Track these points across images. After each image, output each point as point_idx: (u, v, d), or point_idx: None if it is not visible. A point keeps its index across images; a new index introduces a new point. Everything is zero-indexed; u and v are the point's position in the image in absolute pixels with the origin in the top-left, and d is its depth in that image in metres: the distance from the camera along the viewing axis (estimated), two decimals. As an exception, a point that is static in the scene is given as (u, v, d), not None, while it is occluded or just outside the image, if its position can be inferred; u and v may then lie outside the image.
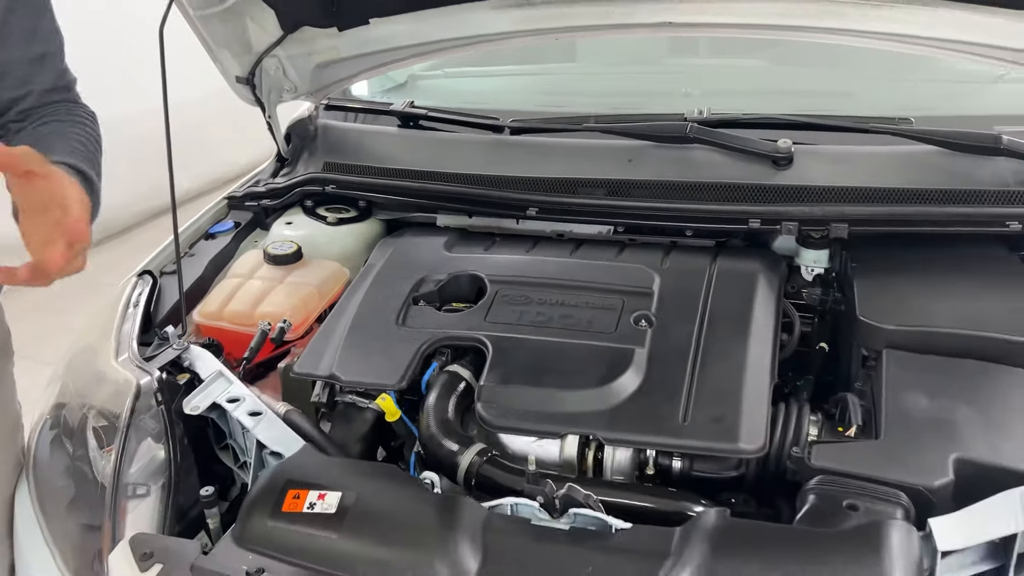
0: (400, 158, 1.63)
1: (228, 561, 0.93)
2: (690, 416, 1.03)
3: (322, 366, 1.19)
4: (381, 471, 1.05)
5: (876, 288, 1.21)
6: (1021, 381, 1.04)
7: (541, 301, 1.22)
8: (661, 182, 1.42)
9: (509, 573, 0.88)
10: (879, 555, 0.83)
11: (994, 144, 1.35)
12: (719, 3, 1.38)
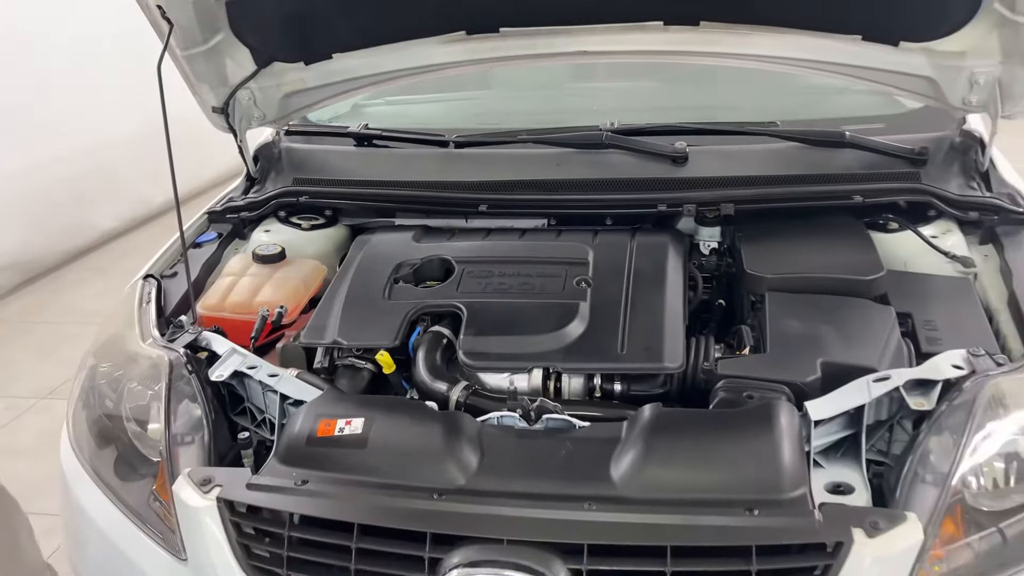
0: (361, 172, 1.90)
1: (276, 477, 1.18)
2: (626, 347, 1.34)
3: (325, 336, 1.44)
4: (393, 401, 1.32)
5: (758, 250, 1.55)
6: (862, 307, 1.40)
7: (501, 274, 1.51)
8: (585, 180, 1.74)
9: (503, 462, 1.16)
10: (771, 423, 1.15)
11: (840, 139, 1.74)
12: (622, 35, 1.72)
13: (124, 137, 4.46)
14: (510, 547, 1.05)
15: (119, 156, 4.58)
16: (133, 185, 4.77)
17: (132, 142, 4.42)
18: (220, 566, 1.15)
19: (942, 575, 1.05)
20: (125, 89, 3.98)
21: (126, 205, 4.81)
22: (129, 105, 3.93)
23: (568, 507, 1.08)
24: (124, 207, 4.81)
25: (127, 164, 4.60)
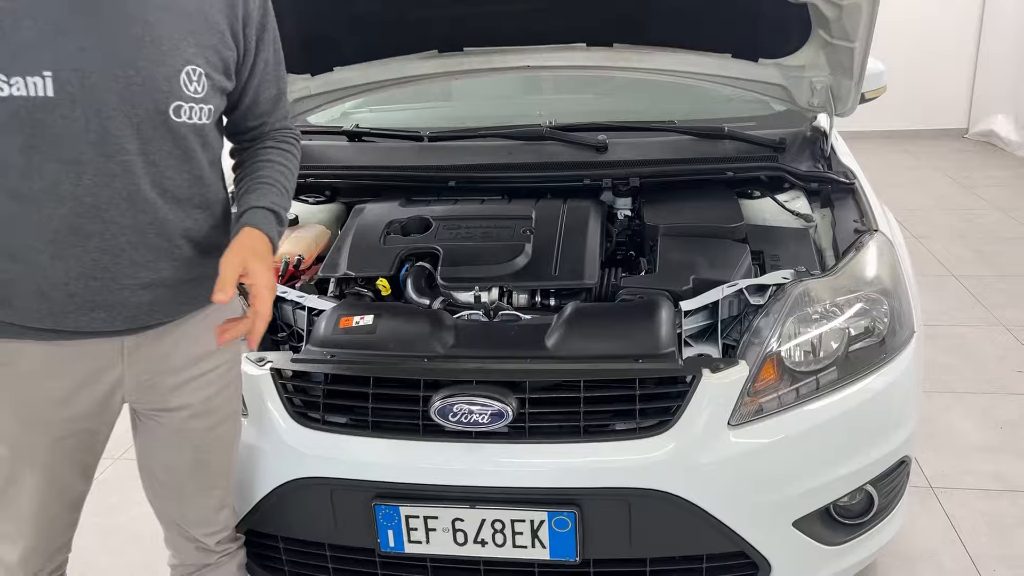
0: (354, 160, 2.41)
1: (310, 356, 1.68)
2: (557, 272, 1.87)
3: (338, 270, 1.94)
4: (393, 304, 1.83)
5: (656, 209, 2.10)
6: (724, 244, 1.94)
7: (467, 227, 2.03)
8: (529, 163, 2.27)
9: (471, 338, 1.68)
10: (653, 310, 1.69)
11: (721, 132, 2.31)
12: (555, 54, 2.29)
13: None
14: (477, 386, 1.57)
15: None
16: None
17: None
18: (274, 416, 1.65)
19: (760, 399, 1.60)
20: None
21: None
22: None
23: (515, 362, 1.60)
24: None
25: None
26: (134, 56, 1.20)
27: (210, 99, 1.30)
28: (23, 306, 1.26)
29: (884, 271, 1.82)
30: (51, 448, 1.35)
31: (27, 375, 1.31)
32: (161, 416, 1.44)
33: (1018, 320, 3.54)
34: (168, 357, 1.40)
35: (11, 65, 1.12)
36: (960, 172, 6.04)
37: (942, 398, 2.95)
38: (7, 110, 1.14)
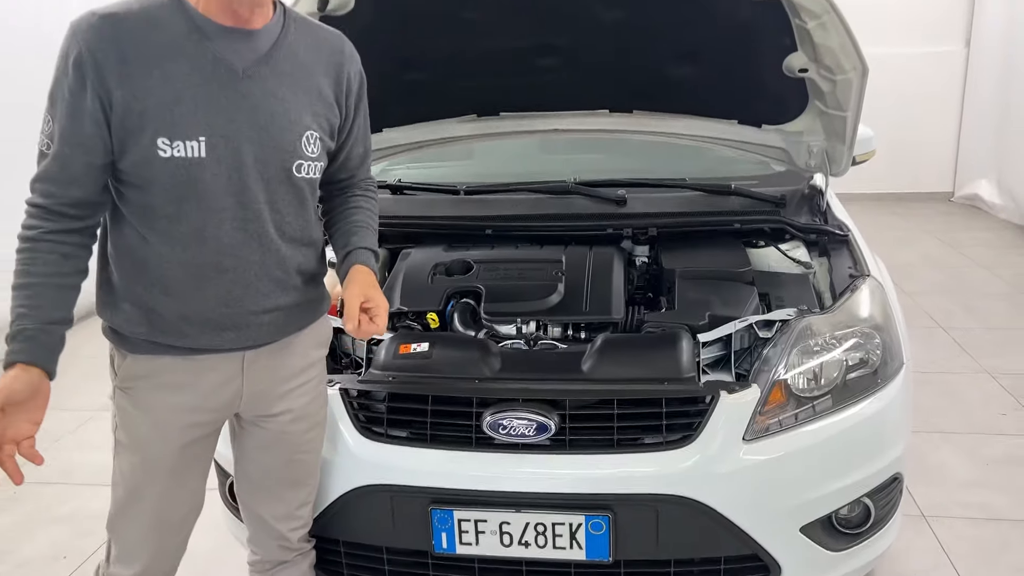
0: (397, 211, 2.67)
1: (375, 378, 1.91)
2: (588, 307, 2.12)
3: (393, 305, 2.18)
4: (446, 334, 2.07)
5: (672, 256, 2.36)
6: (735, 286, 2.19)
7: (505, 269, 2.29)
8: (557, 214, 2.54)
9: (516, 363, 1.91)
10: (675, 340, 1.93)
11: (728, 189, 2.58)
12: (581, 119, 2.58)
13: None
14: (523, 404, 1.80)
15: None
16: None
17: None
18: (343, 430, 1.87)
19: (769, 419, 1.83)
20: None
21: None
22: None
23: (556, 383, 1.84)
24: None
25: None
26: (268, 125, 1.46)
27: (321, 158, 1.57)
28: (168, 328, 1.50)
29: (876, 310, 2.07)
30: (178, 455, 1.59)
31: (166, 386, 1.55)
32: (265, 422, 1.67)
33: (1002, 368, 3.78)
34: (279, 368, 1.64)
35: (173, 132, 1.38)
36: (947, 232, 6.35)
37: (933, 438, 3.17)
38: (168, 168, 1.40)
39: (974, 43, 7.07)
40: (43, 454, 1.44)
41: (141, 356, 1.53)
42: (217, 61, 1.42)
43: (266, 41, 1.48)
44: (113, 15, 1.37)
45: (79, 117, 1.37)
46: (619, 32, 2.30)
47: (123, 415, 1.58)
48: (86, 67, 1.35)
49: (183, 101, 1.38)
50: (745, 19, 2.17)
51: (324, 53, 1.58)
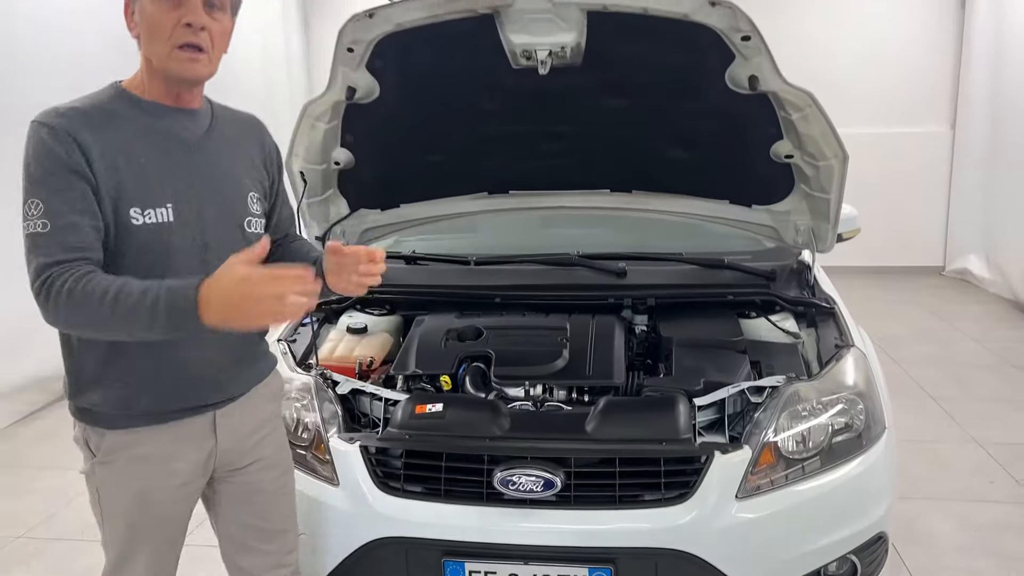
0: (411, 280, 2.85)
1: (393, 436, 2.05)
2: (591, 372, 2.27)
3: (408, 368, 2.34)
4: (458, 395, 2.21)
5: (670, 325, 2.52)
6: (728, 354, 2.35)
7: (513, 335, 2.44)
8: (562, 284, 2.71)
9: (525, 423, 2.05)
10: (673, 404, 2.08)
11: (721, 263, 2.76)
12: (583, 197, 2.77)
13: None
14: (532, 462, 1.94)
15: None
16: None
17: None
18: (362, 484, 2.00)
19: (760, 478, 1.96)
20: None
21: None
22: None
23: (562, 442, 1.98)
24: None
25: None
26: (221, 188, 1.66)
27: (262, 215, 1.77)
28: (139, 399, 1.58)
29: (860, 378, 2.22)
30: (164, 517, 1.68)
31: (145, 456, 1.62)
32: (236, 476, 1.77)
33: (990, 438, 3.90)
34: (245, 423, 1.75)
35: (144, 201, 1.53)
36: (938, 306, 6.53)
37: (923, 504, 3.28)
38: (140, 234, 1.53)
39: (959, 125, 7.38)
40: (59, 515, 1.52)
41: (118, 431, 1.61)
42: (171, 136, 1.60)
43: (204, 119, 1.68)
44: (74, 108, 1.52)
45: (74, 185, 1.46)
46: (619, 120, 2.52)
47: (106, 488, 1.65)
48: (68, 143, 1.46)
49: (149, 174, 1.55)
50: (736, 110, 2.38)
51: (246, 128, 1.80)
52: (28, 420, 4.49)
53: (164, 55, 1.53)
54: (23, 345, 4.36)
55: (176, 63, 1.54)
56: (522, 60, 2.28)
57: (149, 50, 1.55)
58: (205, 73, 1.58)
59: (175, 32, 1.52)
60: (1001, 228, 6.63)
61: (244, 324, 1.37)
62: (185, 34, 1.52)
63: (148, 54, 1.56)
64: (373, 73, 2.31)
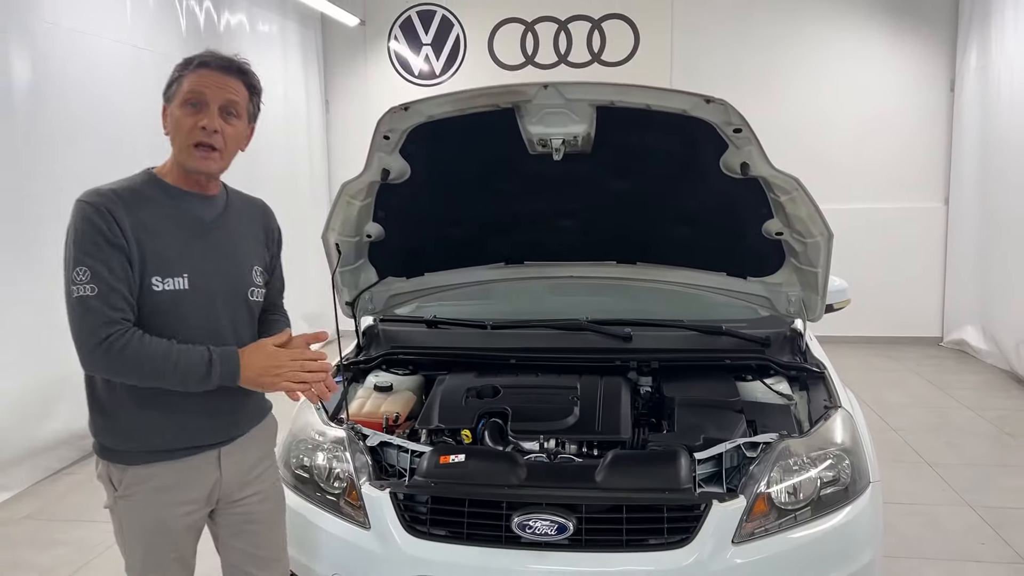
0: (432, 343, 3.08)
1: (420, 483, 2.25)
2: (600, 427, 2.48)
3: (432, 423, 2.55)
4: (479, 447, 2.42)
5: (672, 386, 2.74)
6: (726, 413, 2.56)
7: (527, 394, 2.66)
8: (572, 347, 2.94)
9: (540, 473, 2.26)
10: (675, 457, 2.28)
11: (719, 330, 3.00)
12: (592, 267, 3.02)
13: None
14: (546, 508, 2.14)
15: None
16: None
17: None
18: (391, 528, 2.20)
19: (754, 526, 2.15)
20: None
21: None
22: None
23: (574, 491, 2.18)
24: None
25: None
26: (231, 262, 1.93)
27: (263, 287, 2.03)
28: (154, 439, 1.85)
29: (846, 436, 2.43)
30: (177, 541, 1.92)
31: (161, 488, 1.87)
32: (235, 507, 2.00)
33: (982, 502, 4.05)
34: (244, 459, 2.00)
35: (164, 271, 1.81)
36: (936, 375, 6.71)
37: (917, 562, 3.43)
38: (159, 298, 1.80)
39: (952, 201, 7.68)
40: (91, 564, 1.76)
41: (138, 466, 1.86)
42: (191, 217, 1.89)
43: (220, 203, 1.97)
44: (111, 190, 1.81)
45: (115, 256, 1.75)
46: (625, 199, 2.79)
47: (127, 518, 1.90)
48: (108, 219, 1.75)
49: (169, 248, 1.83)
50: (730, 192, 2.64)
51: (255, 212, 2.09)
52: (57, 476, 4.67)
53: (183, 151, 1.85)
54: (53, 404, 4.58)
55: (192, 159, 1.85)
56: (538, 147, 2.56)
57: (173, 145, 1.87)
58: (216, 168, 1.88)
59: (192, 133, 1.82)
60: (995, 301, 6.86)
61: (270, 388, 1.81)
62: (200, 135, 1.82)
63: (172, 148, 1.88)
64: (405, 157, 2.59)
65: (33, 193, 4.42)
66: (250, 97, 1.92)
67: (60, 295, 1.82)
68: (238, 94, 1.88)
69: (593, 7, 7.87)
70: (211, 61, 1.85)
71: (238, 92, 1.88)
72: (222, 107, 1.84)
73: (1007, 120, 6.54)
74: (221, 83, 1.84)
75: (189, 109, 1.83)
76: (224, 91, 1.84)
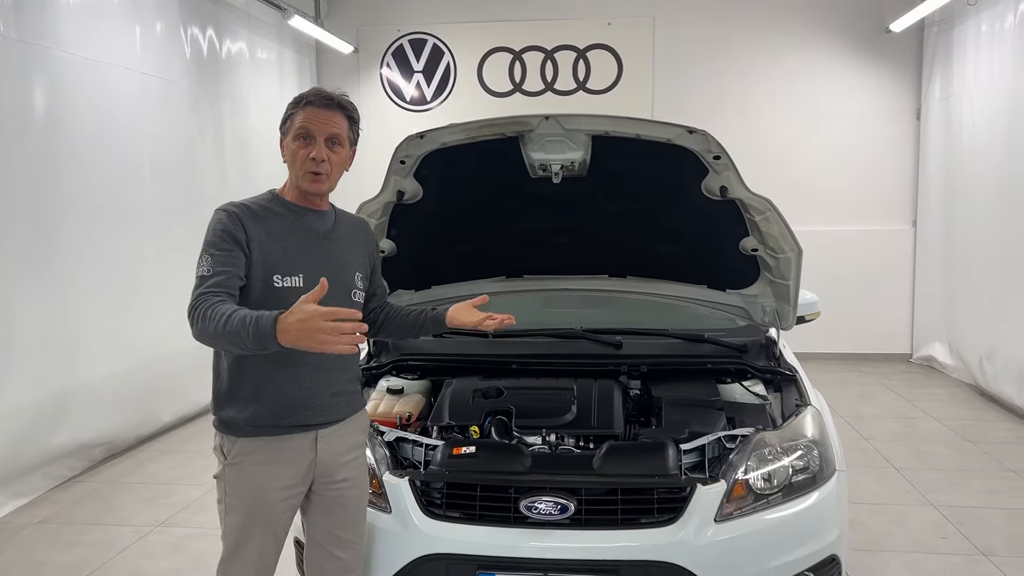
0: (441, 349, 3.35)
1: (436, 472, 2.51)
2: (595, 423, 2.75)
3: (443, 420, 2.82)
4: (487, 440, 2.68)
5: (659, 387, 3.02)
6: (708, 411, 2.84)
7: (529, 394, 2.93)
8: (567, 354, 3.22)
9: (543, 462, 2.52)
10: (663, 448, 2.56)
11: (701, 338, 3.29)
12: (586, 281, 3.31)
13: (190, 347, 5.75)
14: (550, 492, 2.40)
15: (184, 362, 5.84)
16: (188, 389, 6.04)
17: (194, 351, 5.76)
18: (410, 511, 2.45)
19: (733, 507, 2.43)
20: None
21: (183, 404, 6.06)
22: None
23: (574, 476, 2.45)
24: (181, 405, 6.05)
25: (189, 370, 5.87)
26: (339, 267, 2.23)
27: (364, 289, 2.34)
28: (262, 414, 2.12)
29: (815, 430, 2.71)
30: (272, 512, 2.16)
31: (264, 460, 2.14)
32: (327, 489, 2.25)
33: (945, 502, 4.36)
34: (338, 444, 2.25)
35: (283, 270, 2.12)
36: (905, 389, 7.05)
37: (883, 555, 3.72)
38: (281, 293, 2.09)
39: (920, 223, 8.07)
40: (111, 563, 1.96)
41: (246, 439, 2.14)
42: (307, 227, 2.21)
43: (330, 218, 2.30)
44: (243, 204, 2.17)
45: (234, 249, 2.07)
46: (617, 218, 3.09)
47: (231, 485, 2.15)
48: (236, 224, 2.10)
49: (289, 253, 2.15)
50: (710, 212, 2.95)
51: (359, 228, 2.42)
52: (68, 484, 4.86)
53: (298, 176, 2.20)
54: (62, 416, 4.80)
55: (305, 182, 2.19)
56: (539, 171, 2.85)
57: (290, 171, 2.22)
58: (325, 189, 2.22)
59: (306, 163, 2.16)
60: (959, 318, 7.22)
61: (309, 347, 1.82)
62: (311, 164, 2.16)
63: (290, 173, 2.22)
64: (419, 180, 2.88)
65: (46, 210, 4.66)
66: (350, 126, 2.23)
67: (70, 309, 2.09)
68: (340, 127, 2.19)
69: (578, 37, 8.24)
70: (315, 100, 2.16)
71: (340, 125, 2.19)
72: (327, 139, 2.16)
73: (968, 147, 6.94)
74: (325, 118, 2.15)
75: (301, 142, 2.15)
76: (328, 125, 2.16)
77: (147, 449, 5.59)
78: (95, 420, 5.10)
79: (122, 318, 5.29)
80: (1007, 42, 6.27)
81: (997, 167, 6.41)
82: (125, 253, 5.36)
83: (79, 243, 4.92)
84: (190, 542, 3.97)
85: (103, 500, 4.56)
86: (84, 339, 4.95)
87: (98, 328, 5.09)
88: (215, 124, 6.52)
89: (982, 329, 6.70)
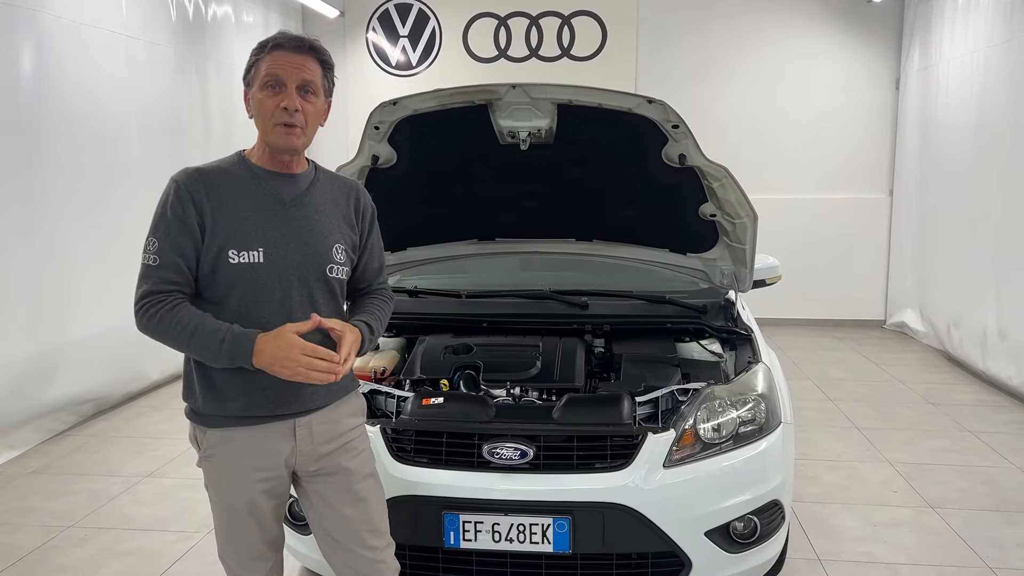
0: (415, 308, 3.50)
1: (406, 421, 2.68)
2: (557, 377, 2.92)
3: (415, 374, 2.98)
4: (455, 392, 2.85)
5: (620, 345, 3.19)
6: (665, 366, 3.01)
7: (497, 351, 3.10)
8: (535, 313, 3.38)
9: (506, 412, 2.70)
10: (619, 399, 2.73)
11: (663, 299, 3.45)
12: (554, 244, 3.47)
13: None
14: (511, 438, 2.58)
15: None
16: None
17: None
18: (382, 456, 2.62)
19: (682, 454, 2.61)
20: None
21: (171, 362, 6.21)
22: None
23: (534, 424, 2.62)
24: (169, 364, 6.21)
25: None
26: (308, 239, 1.97)
27: (346, 264, 2.07)
28: (232, 404, 1.95)
29: (764, 385, 2.89)
30: (253, 502, 2.02)
31: (236, 452, 1.98)
32: (320, 480, 2.09)
33: (901, 459, 4.58)
34: (319, 432, 2.06)
35: (240, 244, 1.89)
36: (876, 354, 7.26)
37: (835, 507, 3.93)
38: (236, 270, 1.90)
39: (896, 192, 8.23)
40: (101, 510, 1.96)
41: (216, 430, 1.98)
42: (270, 195, 1.96)
43: (304, 182, 2.02)
44: (199, 169, 1.94)
45: (182, 233, 1.87)
46: (582, 184, 3.23)
47: (208, 477, 2.04)
48: (186, 200, 1.87)
49: (247, 224, 1.91)
50: (671, 178, 3.09)
51: (344, 191, 2.11)
52: (59, 438, 5.02)
53: (268, 131, 1.94)
54: (52, 372, 4.95)
55: (276, 137, 1.93)
56: (507, 138, 2.99)
57: (258, 127, 1.96)
58: (299, 144, 1.95)
59: (275, 114, 1.91)
60: (931, 286, 7.42)
61: (280, 374, 1.82)
62: (282, 115, 1.90)
63: (258, 130, 1.97)
64: (393, 145, 3.01)
65: (36, 172, 4.78)
66: (324, 73, 1.97)
67: (60, 269, 2.04)
68: (313, 72, 1.93)
69: (563, 4, 8.29)
70: (284, 42, 1.91)
71: (313, 70, 1.93)
72: (299, 86, 1.91)
73: (943, 118, 7.08)
74: (296, 63, 1.90)
75: (269, 91, 1.90)
76: (300, 71, 1.90)
77: (136, 405, 5.75)
78: (85, 376, 5.25)
79: (112, 277, 5.41)
80: (981, 13, 6.38)
81: (969, 139, 6.56)
82: (114, 213, 5.48)
83: (68, 203, 5.04)
84: (177, 491, 4.15)
85: (93, 452, 4.73)
86: (74, 297, 5.09)
87: (88, 287, 5.22)
88: (201, 87, 6.59)
89: (951, 297, 6.90)
